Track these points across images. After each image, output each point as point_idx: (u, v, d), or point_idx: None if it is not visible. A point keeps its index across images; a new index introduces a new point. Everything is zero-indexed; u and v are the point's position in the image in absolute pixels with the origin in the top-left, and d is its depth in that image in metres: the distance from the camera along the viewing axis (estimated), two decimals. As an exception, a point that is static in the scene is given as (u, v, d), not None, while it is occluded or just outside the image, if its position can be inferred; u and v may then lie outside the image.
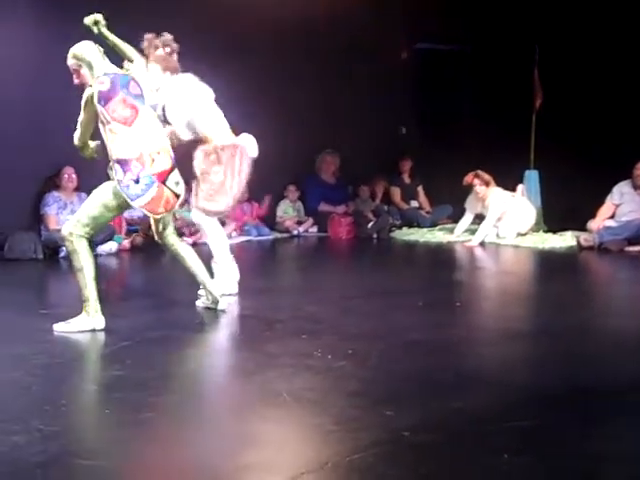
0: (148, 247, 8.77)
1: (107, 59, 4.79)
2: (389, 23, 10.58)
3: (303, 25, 9.91)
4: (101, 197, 4.72)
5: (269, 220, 10.36)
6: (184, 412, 3.27)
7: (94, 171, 8.42)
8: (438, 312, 5.44)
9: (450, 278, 6.98)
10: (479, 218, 9.36)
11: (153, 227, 5.14)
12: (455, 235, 9.40)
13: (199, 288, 5.30)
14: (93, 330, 4.57)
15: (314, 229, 10.48)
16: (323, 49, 10.25)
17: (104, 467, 2.70)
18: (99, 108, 4.58)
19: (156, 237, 5.23)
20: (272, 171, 10.06)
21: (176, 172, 4.86)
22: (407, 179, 11.04)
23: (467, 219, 9.49)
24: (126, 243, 8.65)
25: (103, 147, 4.84)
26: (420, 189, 11.04)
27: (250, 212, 10.21)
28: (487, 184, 9.26)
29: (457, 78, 11.74)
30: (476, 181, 9.29)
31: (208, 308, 5.23)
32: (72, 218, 4.86)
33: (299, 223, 10.42)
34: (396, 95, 11.02)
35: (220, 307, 5.18)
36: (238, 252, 9.06)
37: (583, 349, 4.38)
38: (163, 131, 4.99)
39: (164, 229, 5.12)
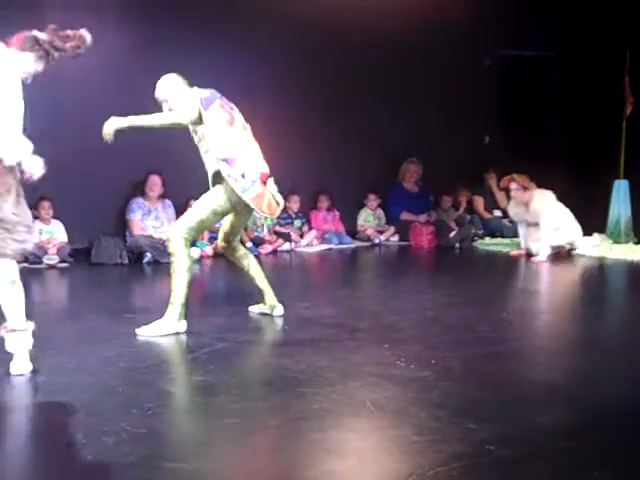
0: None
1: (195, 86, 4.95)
2: (472, 29, 10.48)
3: (385, 34, 9.93)
4: (211, 202, 4.87)
5: (350, 228, 10.36)
6: (266, 419, 3.29)
7: (178, 178, 8.66)
8: (522, 323, 5.34)
9: (533, 289, 6.84)
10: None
11: (226, 228, 5.20)
12: (523, 249, 8.75)
13: (289, 296, 5.36)
14: (176, 334, 4.65)
15: (395, 238, 10.42)
16: (405, 57, 10.23)
17: (189, 470, 2.74)
18: (202, 111, 4.69)
19: (220, 241, 5.30)
20: (352, 179, 10.11)
21: (272, 180, 4.94)
22: (491, 188, 10.86)
23: (523, 231, 8.75)
24: (209, 249, 8.77)
25: (207, 157, 4.97)
26: (505, 198, 10.85)
27: (331, 220, 10.23)
28: (525, 187, 8.59)
29: (542, 85, 11.53)
30: (513, 185, 8.67)
31: (264, 314, 5.28)
32: (180, 221, 5.00)
33: (380, 232, 10.38)
34: (479, 103, 10.88)
35: (277, 313, 5.27)
36: (319, 260, 9.15)
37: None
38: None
39: (236, 234, 5.21)
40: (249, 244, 8.91)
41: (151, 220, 8.63)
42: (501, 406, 3.48)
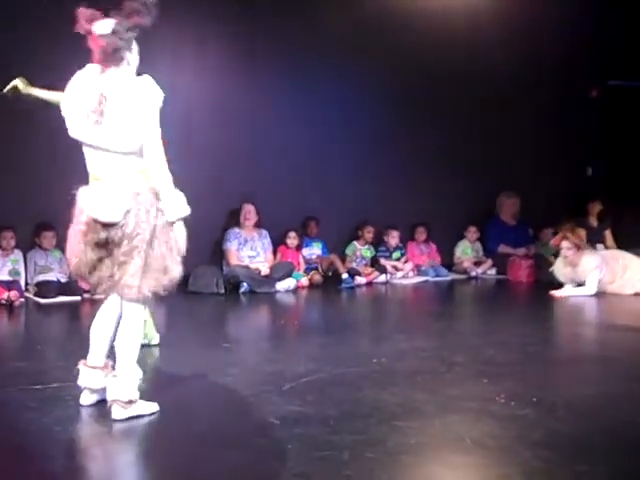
0: (326, 285, 8.92)
1: None
2: (579, 60, 10.29)
3: (484, 65, 9.85)
4: None
5: (446, 260, 10.24)
6: (363, 451, 3.23)
7: (274, 208, 8.75)
8: (628, 364, 5.11)
9: (632, 326, 6.56)
10: None
11: None
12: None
13: (385, 328, 5.26)
14: (273, 361, 4.65)
15: (493, 271, 10.22)
16: (508, 89, 10.11)
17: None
18: None
19: None
20: (450, 212, 10.01)
21: None
22: (594, 222, 10.52)
23: (569, 290, 8.27)
24: (304, 280, 8.80)
25: None
26: (608, 233, 10.47)
27: (428, 252, 10.14)
28: (578, 247, 8.21)
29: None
30: (564, 244, 8.25)
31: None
32: None
33: (477, 264, 10.21)
34: (583, 134, 10.64)
35: (154, 342, 5.07)
36: (415, 292, 9.05)
37: None
38: None
39: None
40: (345, 275, 8.90)
41: (247, 250, 8.72)
42: (612, 449, 3.32)
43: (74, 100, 3.62)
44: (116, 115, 3.50)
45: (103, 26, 3.55)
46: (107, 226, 3.56)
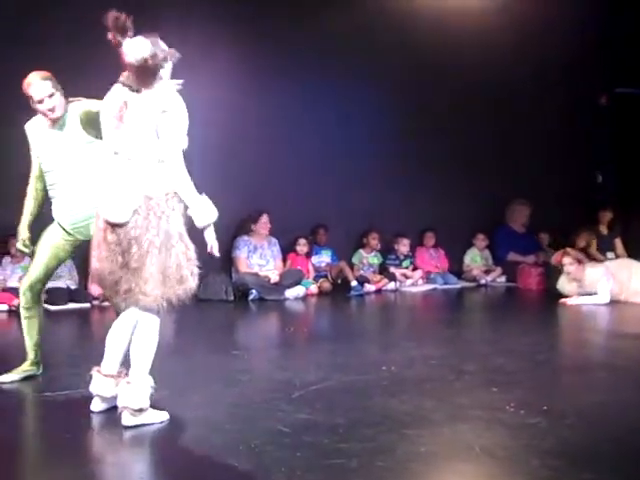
0: (334, 292, 8.93)
1: None
2: (588, 67, 10.29)
3: (494, 73, 9.85)
4: None
5: (455, 268, 10.22)
6: (372, 460, 3.22)
7: (283, 216, 8.76)
8: (638, 372, 5.08)
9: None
10: None
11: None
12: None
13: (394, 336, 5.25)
14: (283, 369, 4.65)
15: (502, 279, 10.21)
16: (517, 95, 10.12)
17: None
18: None
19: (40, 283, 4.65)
20: (459, 219, 10.00)
21: None
22: (604, 230, 10.50)
23: (580, 298, 8.15)
24: (313, 288, 8.80)
25: None
26: (618, 241, 10.45)
27: (436, 258, 10.13)
28: (579, 261, 8.25)
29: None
30: (566, 260, 8.27)
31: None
32: None
33: (487, 272, 10.20)
34: (593, 142, 10.63)
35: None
36: (424, 300, 9.04)
37: None
38: None
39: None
40: (354, 283, 8.90)
41: (257, 258, 8.73)
42: (621, 458, 3.30)
43: (104, 107, 3.74)
44: (134, 122, 3.55)
45: (137, 50, 3.55)
46: (116, 227, 3.58)
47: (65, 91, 4.40)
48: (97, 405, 3.88)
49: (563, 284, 8.46)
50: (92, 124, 4.20)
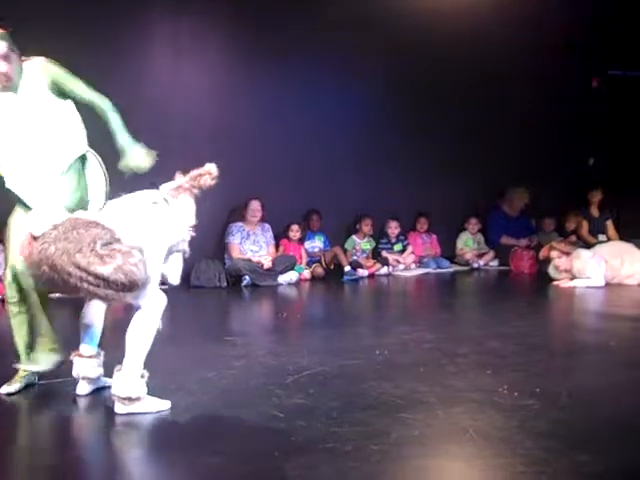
0: (328, 278, 8.94)
1: None
2: (580, 51, 10.27)
3: (489, 57, 9.84)
4: None
5: (448, 252, 10.24)
6: (367, 444, 3.23)
7: (277, 202, 8.75)
8: (630, 353, 5.10)
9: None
10: None
11: None
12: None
13: (387, 320, 5.25)
14: (276, 356, 4.65)
15: (495, 262, 10.23)
16: (511, 80, 10.12)
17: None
18: None
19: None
20: (451, 203, 10.01)
21: None
22: (595, 212, 10.53)
23: (574, 281, 8.22)
24: (306, 273, 8.81)
25: None
26: (609, 223, 10.49)
27: (429, 243, 10.14)
28: (567, 253, 8.30)
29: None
30: (553, 253, 8.35)
31: None
32: None
33: (479, 256, 10.21)
34: (586, 125, 10.63)
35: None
36: (417, 284, 9.05)
37: None
38: None
39: None
40: (347, 268, 8.91)
41: (250, 244, 8.72)
42: (615, 438, 3.32)
43: None
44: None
45: None
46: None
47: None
48: (84, 388, 3.89)
49: (554, 274, 8.50)
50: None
